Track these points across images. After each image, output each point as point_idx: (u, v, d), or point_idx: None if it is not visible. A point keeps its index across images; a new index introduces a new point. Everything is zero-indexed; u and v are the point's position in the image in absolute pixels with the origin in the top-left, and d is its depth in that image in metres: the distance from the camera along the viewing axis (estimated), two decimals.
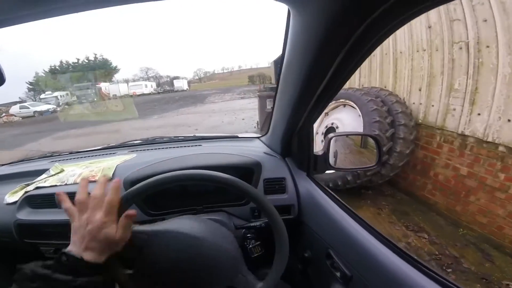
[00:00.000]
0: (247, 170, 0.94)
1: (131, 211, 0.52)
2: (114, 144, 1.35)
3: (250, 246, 0.85)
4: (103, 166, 0.98)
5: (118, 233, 0.50)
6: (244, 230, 0.88)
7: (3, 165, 1.27)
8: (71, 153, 1.27)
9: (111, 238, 0.49)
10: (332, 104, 3.14)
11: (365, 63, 3.63)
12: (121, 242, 0.51)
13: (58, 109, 19.62)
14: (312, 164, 0.94)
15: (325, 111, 2.97)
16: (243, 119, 8.74)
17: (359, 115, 2.73)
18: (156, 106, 16.33)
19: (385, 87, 3.32)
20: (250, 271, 0.64)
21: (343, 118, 3.00)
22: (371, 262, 0.60)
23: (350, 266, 0.67)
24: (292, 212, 0.94)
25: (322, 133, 3.25)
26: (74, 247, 0.47)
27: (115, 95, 29.19)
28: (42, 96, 26.23)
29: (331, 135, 0.91)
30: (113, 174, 0.93)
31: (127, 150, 1.21)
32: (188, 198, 0.94)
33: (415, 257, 0.55)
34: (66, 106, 21.38)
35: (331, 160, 0.94)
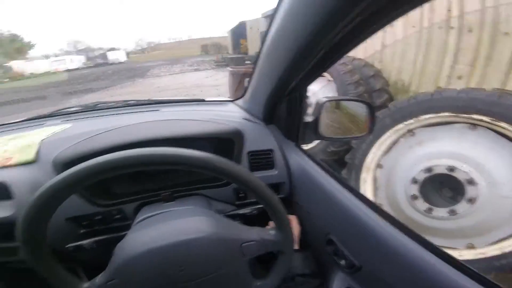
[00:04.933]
0: (225, 142, 0.77)
1: None
2: (42, 114, 1.06)
3: None
4: (22, 144, 0.74)
5: None
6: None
7: None
8: None
9: None
10: None
11: None
12: None
13: None
14: (301, 133, 0.84)
15: None
16: None
17: (332, 83, 2.52)
18: (81, 84, 13.55)
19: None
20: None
21: (315, 89, 2.71)
22: (384, 251, 0.52)
23: (358, 255, 0.60)
24: (282, 191, 0.84)
25: None
26: None
27: (32, 73, 26.90)
28: None
29: (323, 99, 0.80)
30: (37, 152, 0.70)
31: (60, 119, 0.97)
32: (151, 180, 0.75)
33: (438, 246, 0.48)
34: None
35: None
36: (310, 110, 0.86)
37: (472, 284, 0.40)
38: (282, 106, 0.83)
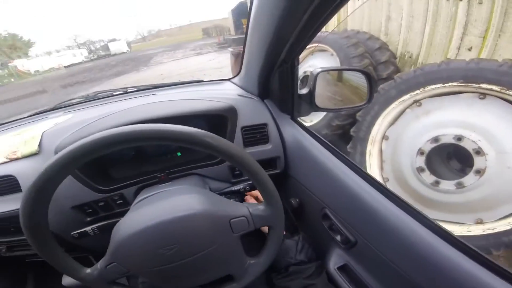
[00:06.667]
0: (219, 118, 0.78)
1: None
2: (46, 108, 1.09)
3: None
4: (25, 137, 0.77)
5: None
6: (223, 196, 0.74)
7: None
8: None
9: None
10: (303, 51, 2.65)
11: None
12: None
13: None
14: (297, 106, 0.83)
15: None
16: None
17: (335, 57, 2.46)
18: (86, 77, 13.62)
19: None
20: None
21: (317, 64, 2.65)
22: (379, 226, 0.53)
23: (353, 230, 0.60)
24: (278, 165, 0.85)
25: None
26: None
27: (37, 70, 27.08)
28: None
29: (317, 70, 0.80)
30: (40, 144, 0.73)
31: (62, 111, 0.99)
32: (147, 162, 0.77)
33: (433, 220, 0.47)
34: None
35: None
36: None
37: (466, 261, 0.40)
38: (275, 80, 0.81)
